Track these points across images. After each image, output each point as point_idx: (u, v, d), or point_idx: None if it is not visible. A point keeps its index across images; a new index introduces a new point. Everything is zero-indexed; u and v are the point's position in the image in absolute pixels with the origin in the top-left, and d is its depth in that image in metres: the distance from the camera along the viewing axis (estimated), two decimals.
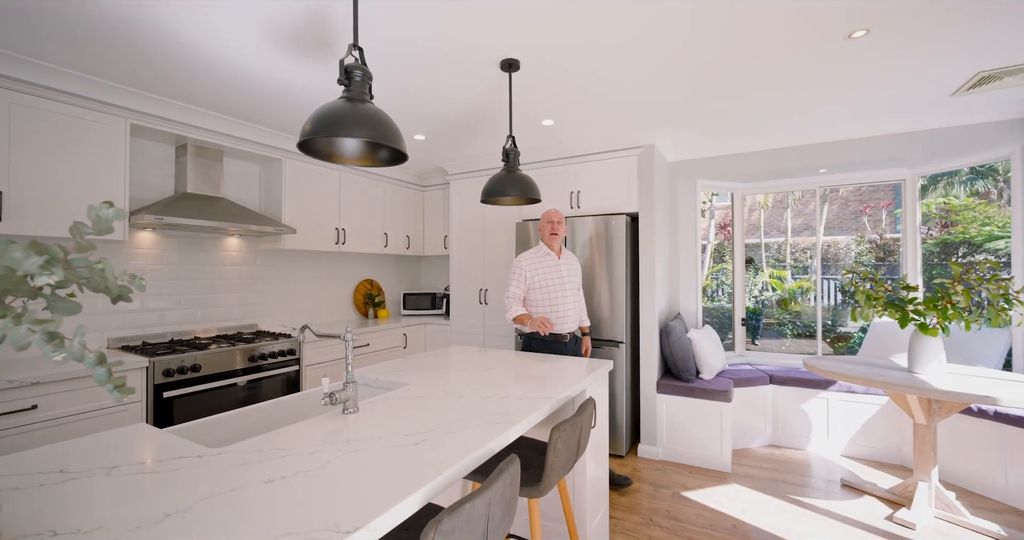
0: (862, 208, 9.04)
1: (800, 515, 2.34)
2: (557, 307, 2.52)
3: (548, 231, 2.61)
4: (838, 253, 9.00)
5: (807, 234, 9.38)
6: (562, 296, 2.54)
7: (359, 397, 1.75)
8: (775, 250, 9.30)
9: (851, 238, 8.90)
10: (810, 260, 9.33)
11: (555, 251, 2.63)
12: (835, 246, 9.02)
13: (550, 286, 2.53)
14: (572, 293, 2.59)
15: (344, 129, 1.12)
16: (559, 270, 2.57)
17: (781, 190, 3.78)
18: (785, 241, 9.13)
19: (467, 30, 1.79)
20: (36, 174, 2.10)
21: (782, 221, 9.58)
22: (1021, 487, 2.37)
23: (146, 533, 0.72)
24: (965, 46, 1.96)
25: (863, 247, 7.96)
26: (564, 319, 2.53)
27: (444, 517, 0.83)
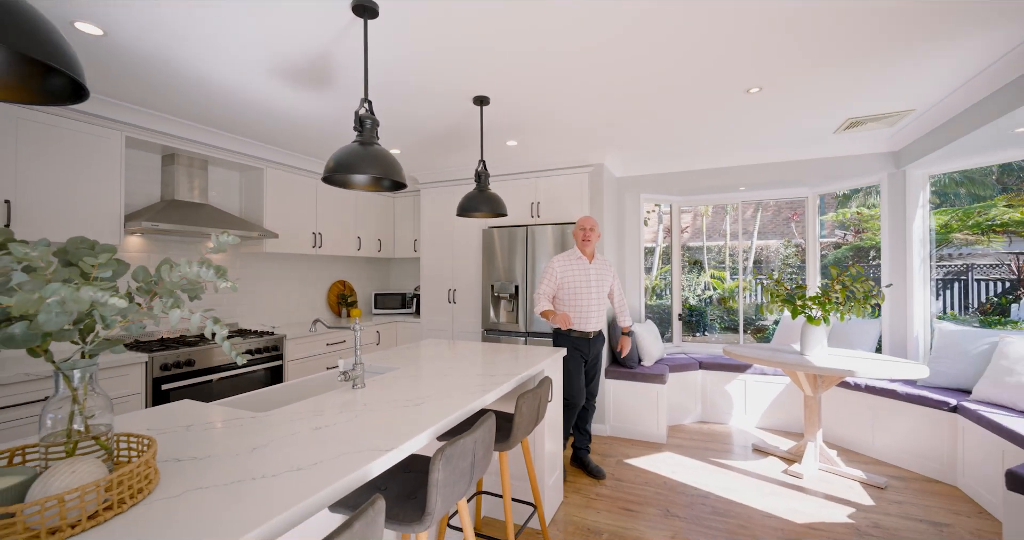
0: (791, 215, 10.08)
1: (719, 473, 2.87)
2: (580, 307, 2.74)
3: (581, 237, 2.78)
4: (769, 255, 10.00)
5: (745, 238, 10.34)
6: (586, 298, 2.74)
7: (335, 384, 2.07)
8: (716, 252, 10.19)
9: (780, 242, 9.92)
10: (746, 262, 10.31)
11: (587, 255, 2.81)
12: (767, 249, 10.02)
13: (576, 288, 2.73)
14: (597, 296, 2.77)
15: (361, 168, 1.47)
16: (587, 274, 2.76)
17: (709, 203, 4.39)
18: (725, 245, 10.03)
19: (448, 72, 2.16)
20: (41, 184, 2.26)
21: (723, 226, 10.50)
22: (884, 444, 3.01)
23: (245, 458, 1.05)
24: (837, 99, 2.54)
25: (790, 250, 8.92)
26: (587, 318, 2.75)
27: (447, 447, 1.21)
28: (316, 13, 1.66)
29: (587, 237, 2.76)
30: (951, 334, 2.97)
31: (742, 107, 2.61)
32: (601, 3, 1.61)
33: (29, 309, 0.72)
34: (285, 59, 2.01)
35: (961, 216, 5.14)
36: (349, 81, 2.24)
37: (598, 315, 2.78)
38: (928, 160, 3.00)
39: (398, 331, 4.42)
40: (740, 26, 1.77)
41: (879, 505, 2.46)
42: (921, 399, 2.80)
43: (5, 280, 0.75)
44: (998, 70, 2.13)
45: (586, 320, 2.74)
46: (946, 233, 5.20)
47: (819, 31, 1.80)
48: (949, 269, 5.16)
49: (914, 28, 1.79)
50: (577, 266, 2.76)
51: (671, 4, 1.62)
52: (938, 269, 5.33)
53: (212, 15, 1.68)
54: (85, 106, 2.38)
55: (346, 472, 0.98)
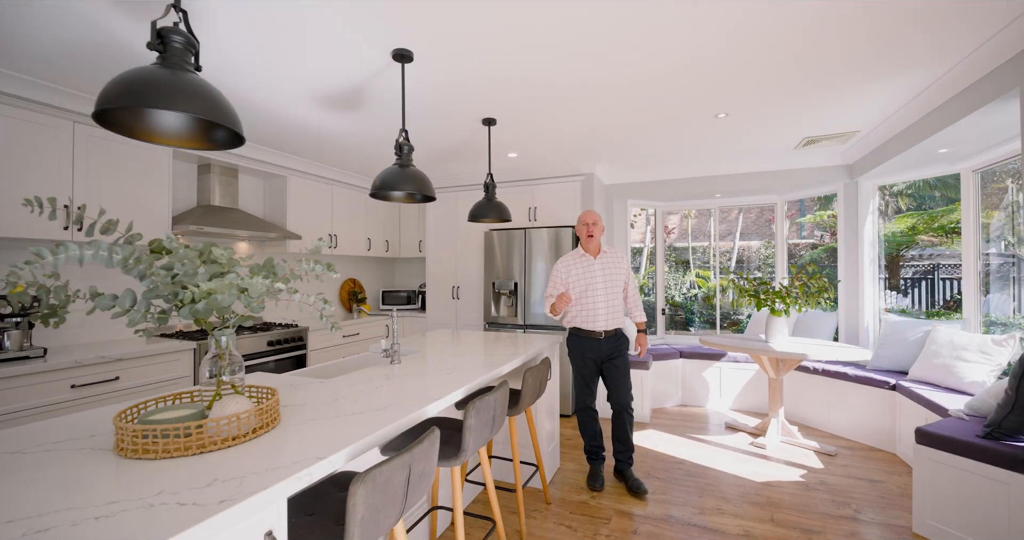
0: (771, 217, 10.63)
1: (694, 445, 3.28)
2: (586, 306, 2.63)
3: (584, 233, 2.66)
4: (751, 255, 10.54)
5: (729, 239, 10.86)
6: (592, 296, 2.61)
7: (376, 361, 2.44)
8: (701, 252, 10.70)
9: (761, 243, 10.45)
10: (729, 262, 10.83)
11: (591, 252, 2.68)
12: (748, 250, 10.55)
13: (582, 287, 2.63)
14: (606, 293, 2.62)
15: (400, 186, 1.84)
16: (591, 271, 2.64)
17: (690, 208, 4.82)
18: (709, 245, 10.54)
19: (462, 98, 2.53)
20: (102, 191, 2.59)
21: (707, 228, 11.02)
22: (837, 420, 3.45)
23: (331, 405, 1.42)
24: (794, 122, 2.96)
25: (770, 251, 9.42)
26: (594, 317, 2.61)
27: (477, 400, 1.59)
28: (360, 56, 2.03)
29: (590, 232, 2.65)
30: (894, 324, 3.43)
31: (713, 129, 3.03)
32: (594, 46, 2.00)
33: (218, 291, 1.08)
34: (326, 90, 2.37)
35: (927, 219, 5.63)
36: (376, 106, 2.60)
37: (608, 313, 2.63)
38: (875, 173, 3.45)
39: (405, 325, 4.77)
40: (708, 67, 2.17)
41: (827, 468, 2.89)
42: (867, 379, 3.25)
43: (193, 272, 1.12)
44: (922, 101, 2.56)
45: (593, 318, 2.62)
46: (913, 235, 5.65)
47: (775, 68, 2.22)
48: (917, 269, 5.62)
49: (854, 66, 2.20)
50: (581, 264, 2.67)
51: (652, 52, 2.01)
52: (907, 269, 5.82)
53: (275, 57, 2.03)
54: None
55: (410, 411, 1.35)
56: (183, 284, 1.09)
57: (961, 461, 2.03)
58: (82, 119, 2.49)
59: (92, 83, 2.30)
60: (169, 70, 1.05)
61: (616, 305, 2.67)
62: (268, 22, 1.75)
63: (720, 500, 2.49)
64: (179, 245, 1.13)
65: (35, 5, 1.64)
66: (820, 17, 1.72)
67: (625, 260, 2.75)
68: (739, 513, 2.36)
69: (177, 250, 1.09)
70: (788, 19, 1.74)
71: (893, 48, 1.99)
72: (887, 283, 7.78)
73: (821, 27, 1.79)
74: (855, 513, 2.36)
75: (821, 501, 2.48)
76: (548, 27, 1.77)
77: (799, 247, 8.51)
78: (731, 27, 1.79)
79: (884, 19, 1.74)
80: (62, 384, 2.22)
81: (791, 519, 2.30)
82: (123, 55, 2.01)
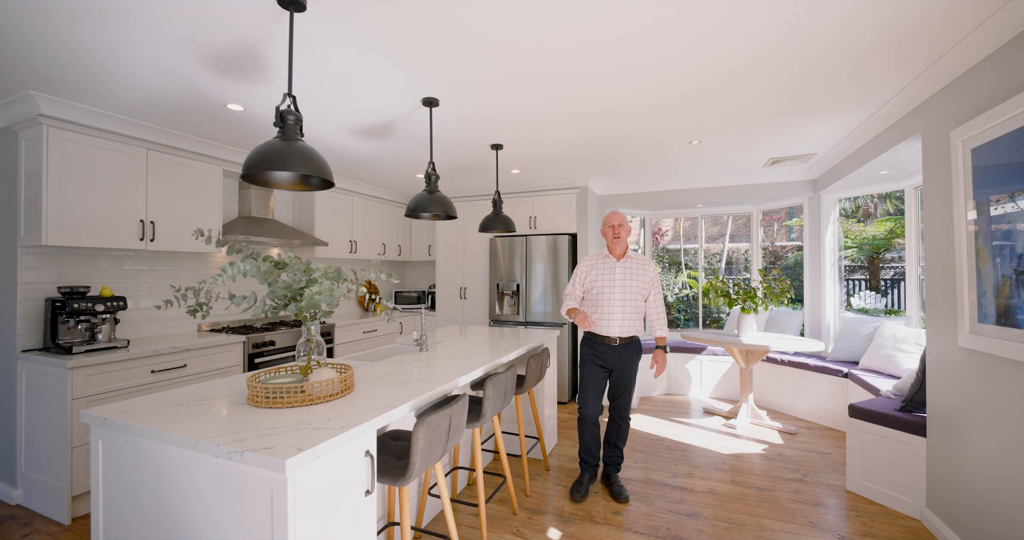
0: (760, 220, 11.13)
1: (674, 426, 3.76)
2: (601, 309, 2.54)
3: (610, 235, 2.58)
4: (739, 258, 11.04)
5: (720, 241, 11.37)
6: (608, 299, 2.52)
7: (406, 350, 2.91)
8: (693, 254, 11.20)
9: (748, 245, 10.93)
10: (719, 263, 11.34)
11: (615, 254, 2.59)
12: (737, 252, 11.06)
13: (598, 289, 2.56)
14: (623, 297, 2.53)
15: (427, 208, 2.30)
16: (612, 273, 2.55)
17: (675, 216, 5.30)
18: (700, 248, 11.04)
19: (476, 129, 2.99)
20: (166, 205, 3.04)
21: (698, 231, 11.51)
22: (801, 404, 3.93)
23: (384, 378, 1.88)
24: (760, 146, 3.44)
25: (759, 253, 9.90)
26: (608, 322, 2.52)
27: (492, 378, 2.06)
28: (395, 102, 2.49)
29: (617, 234, 2.55)
30: (849, 320, 3.92)
31: (688, 152, 3.51)
32: (586, 89, 2.46)
33: (317, 294, 1.55)
34: (363, 125, 2.83)
35: (904, 223, 6.12)
36: (402, 135, 3.06)
37: (623, 319, 2.52)
38: (834, 188, 3.93)
39: (418, 322, 5.23)
40: (681, 106, 2.64)
41: (786, 444, 3.37)
42: (825, 369, 3.73)
43: (300, 280, 1.58)
44: (860, 133, 3.04)
45: (607, 323, 2.52)
46: (890, 238, 6.13)
47: (739, 107, 2.69)
48: (897, 270, 6.07)
49: (802, 107, 2.67)
50: (602, 265, 2.58)
51: (635, 96, 2.48)
52: (887, 269, 6.29)
53: (323, 102, 2.49)
54: (199, 147, 3.17)
55: (447, 381, 1.82)
56: (293, 288, 1.55)
57: (882, 430, 2.51)
58: (154, 146, 2.94)
59: (166, 117, 2.75)
60: (286, 142, 1.51)
61: (634, 312, 2.55)
62: (326, 75, 2.21)
63: (692, 467, 2.97)
64: (294, 260, 1.60)
65: (140, 65, 2.09)
66: (770, 69, 2.19)
67: (651, 268, 2.61)
68: (706, 477, 2.84)
69: (292, 264, 1.55)
70: (745, 71, 2.21)
71: (832, 95, 2.46)
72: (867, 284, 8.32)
73: (773, 77, 2.26)
74: (802, 476, 2.84)
75: (776, 468, 2.96)
76: (547, 74, 2.23)
77: (786, 249, 8.98)
78: (699, 77, 2.26)
79: (822, 73, 2.21)
80: (144, 369, 2.67)
81: (748, 480, 2.78)
82: (197, 97, 2.46)
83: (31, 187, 2.51)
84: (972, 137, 1.89)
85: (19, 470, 2.55)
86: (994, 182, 1.77)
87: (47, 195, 2.46)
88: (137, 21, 1.70)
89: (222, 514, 1.20)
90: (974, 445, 1.93)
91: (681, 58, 2.02)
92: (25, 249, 2.59)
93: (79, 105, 2.52)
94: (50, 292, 2.69)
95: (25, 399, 2.53)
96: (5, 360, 2.60)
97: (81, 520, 2.38)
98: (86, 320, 2.61)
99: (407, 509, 1.60)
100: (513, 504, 2.41)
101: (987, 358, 1.85)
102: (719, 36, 1.83)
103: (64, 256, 2.78)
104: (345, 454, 1.30)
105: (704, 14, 1.68)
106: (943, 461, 2.16)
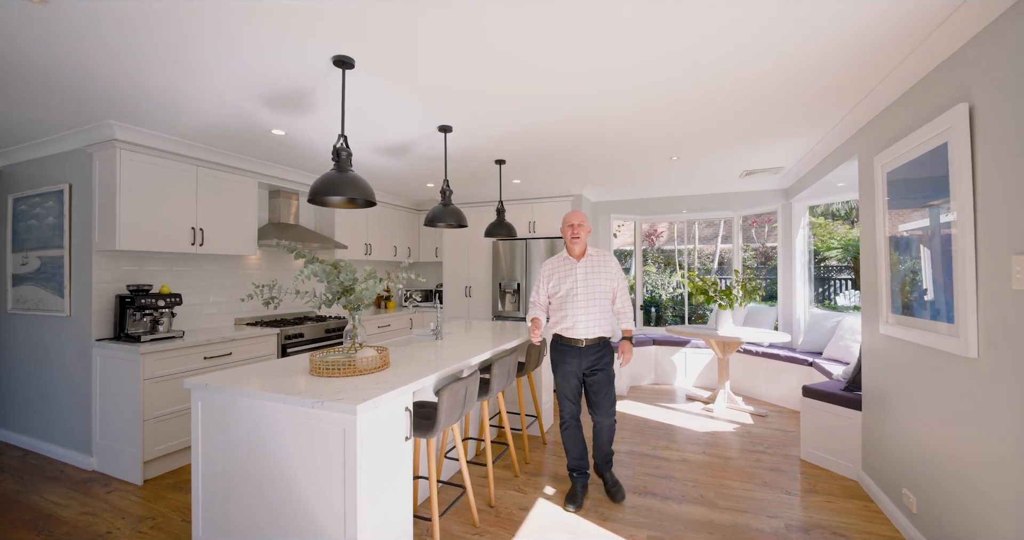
0: (751, 222, 11.57)
1: (659, 410, 4.20)
2: (565, 310, 2.50)
3: (569, 235, 2.53)
4: (731, 258, 11.46)
5: (713, 243, 11.81)
6: (572, 301, 2.48)
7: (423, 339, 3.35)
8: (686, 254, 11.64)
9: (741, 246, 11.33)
10: (712, 263, 11.79)
11: (575, 255, 2.55)
12: (729, 252, 11.49)
13: (563, 292, 2.51)
14: (586, 298, 2.48)
15: (446, 219, 2.75)
16: (573, 275, 2.50)
17: (662, 221, 5.74)
18: (694, 248, 11.48)
19: (484, 148, 3.44)
20: (212, 214, 3.49)
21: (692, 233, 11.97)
22: (773, 391, 4.38)
23: (414, 358, 2.32)
24: (733, 160, 3.87)
25: (749, 253, 10.35)
26: (574, 324, 2.47)
27: (499, 359, 2.50)
28: (414, 128, 2.93)
29: (575, 234, 2.52)
30: (815, 316, 4.37)
31: (669, 166, 3.96)
32: (577, 113, 2.91)
33: (363, 290, 1.99)
34: (386, 145, 3.28)
35: None
36: (417, 152, 3.50)
37: (588, 320, 2.48)
38: (802, 196, 4.37)
39: (426, 318, 5.67)
40: (660, 129, 3.08)
41: (755, 424, 3.82)
42: (793, 359, 4.17)
43: (351, 279, 2.02)
44: (815, 152, 3.48)
45: (573, 326, 2.49)
46: None
47: (710, 129, 3.13)
48: None
49: (763, 130, 3.12)
50: (564, 267, 2.56)
51: (622, 120, 2.92)
52: None
53: (353, 129, 2.93)
54: (239, 163, 3.61)
55: (462, 360, 2.27)
56: (344, 285, 2.00)
57: (828, 406, 2.96)
58: (203, 163, 3.38)
59: (217, 139, 3.19)
60: (340, 173, 1.96)
61: (599, 312, 2.51)
62: (359, 109, 2.65)
63: (670, 441, 3.42)
64: (346, 265, 2.04)
65: (206, 101, 2.53)
66: (733, 108, 2.63)
67: (613, 264, 2.57)
68: (681, 449, 3.28)
69: (347, 265, 2.00)
70: (711, 101, 2.65)
71: (788, 124, 2.90)
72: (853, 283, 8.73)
73: (736, 112, 2.70)
74: (764, 449, 3.28)
75: (743, 442, 3.41)
76: (549, 101, 2.66)
77: (775, 249, 9.42)
78: (675, 108, 2.71)
79: (777, 110, 2.65)
80: (198, 356, 3.11)
81: (717, 452, 3.23)
82: (248, 124, 2.90)
83: (104, 200, 2.95)
84: (887, 162, 2.33)
85: (94, 441, 2.99)
86: (901, 200, 2.22)
87: (120, 207, 2.91)
88: (211, 69, 2.14)
89: (301, 450, 1.65)
90: (895, 416, 2.37)
91: (655, 103, 2.46)
92: (99, 253, 3.03)
93: (146, 131, 2.96)
94: (119, 290, 3.14)
95: (100, 380, 2.97)
96: (82, 348, 3.05)
97: (152, 481, 2.83)
98: (150, 314, 3.05)
99: (433, 457, 2.04)
100: (515, 468, 2.86)
101: (897, 342, 2.30)
102: (686, 87, 2.28)
103: (129, 259, 3.22)
104: (391, 409, 1.75)
105: (680, 75, 2.12)
106: (874, 431, 2.60)
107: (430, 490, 2.08)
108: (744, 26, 1.77)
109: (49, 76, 2.18)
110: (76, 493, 2.68)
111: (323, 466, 1.62)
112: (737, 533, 2.24)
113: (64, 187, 3.13)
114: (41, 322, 3.29)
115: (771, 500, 2.57)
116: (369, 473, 1.62)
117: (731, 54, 1.99)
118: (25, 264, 3.39)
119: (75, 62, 2.04)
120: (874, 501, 2.53)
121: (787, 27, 1.78)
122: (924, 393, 2.07)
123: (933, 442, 1.99)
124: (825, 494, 2.63)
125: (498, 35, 1.82)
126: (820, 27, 1.78)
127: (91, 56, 1.99)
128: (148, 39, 1.85)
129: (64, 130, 2.99)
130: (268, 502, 1.72)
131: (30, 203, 3.37)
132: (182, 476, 2.90)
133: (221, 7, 1.64)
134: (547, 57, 2.01)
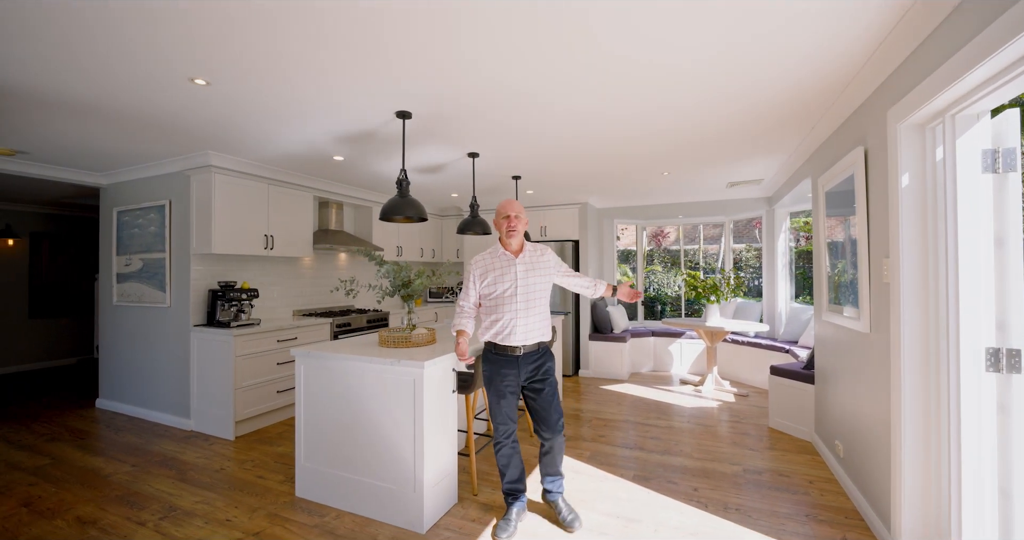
0: (754, 223, 12.03)
1: (655, 392, 4.83)
2: (501, 315, 2.18)
3: (504, 227, 2.22)
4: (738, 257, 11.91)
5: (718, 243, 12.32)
6: (509, 303, 2.17)
7: None
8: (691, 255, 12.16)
9: (743, 246, 11.84)
10: (716, 262, 12.27)
11: (512, 250, 2.25)
12: (735, 252, 11.94)
13: (496, 293, 2.20)
14: (526, 299, 2.17)
15: (471, 228, 3.43)
16: (512, 272, 2.19)
17: (661, 225, 6.35)
18: (698, 248, 12.00)
19: (504, 165, 4.11)
20: (279, 225, 4.22)
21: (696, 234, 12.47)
22: (757, 376, 4.97)
23: (448, 337, 3.00)
24: (718, 173, 4.49)
25: (751, 254, 10.84)
26: (512, 330, 2.16)
27: None
28: (447, 155, 3.61)
29: (512, 226, 2.21)
30: (794, 310, 4.95)
31: (661, 180, 4.59)
32: (582, 137, 3.56)
33: (418, 285, 2.67)
34: (422, 166, 3.97)
35: None
36: (448, 172, 4.18)
37: (527, 324, 2.18)
38: (782, 203, 4.96)
39: (448, 312, 6.37)
40: (651, 151, 3.72)
41: (737, 402, 4.43)
42: (774, 347, 4.77)
43: (408, 276, 2.71)
44: (784, 168, 4.08)
45: (511, 332, 2.17)
46: None
47: (694, 152, 3.76)
48: None
49: (738, 152, 3.74)
50: (500, 264, 2.23)
51: (618, 141, 3.57)
52: None
53: (415, 148, 3.63)
54: (300, 180, 4.34)
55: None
56: (406, 281, 2.68)
57: (790, 382, 3.57)
58: (272, 182, 4.11)
59: (288, 163, 3.91)
60: (402, 198, 2.65)
61: (539, 315, 2.23)
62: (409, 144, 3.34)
63: (660, 414, 4.06)
64: (406, 264, 2.73)
65: (290, 138, 3.24)
66: (711, 138, 3.26)
67: (549, 255, 2.32)
68: (669, 420, 3.92)
69: (406, 266, 2.68)
70: (690, 127, 3.29)
71: (758, 147, 3.52)
72: None
73: (713, 141, 3.33)
74: (739, 420, 3.90)
75: (723, 415, 4.03)
76: (559, 127, 3.32)
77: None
78: (663, 138, 3.35)
79: (745, 139, 3.27)
80: (271, 339, 3.84)
81: (699, 422, 3.86)
82: (316, 153, 3.61)
83: (201, 213, 3.69)
84: (826, 182, 2.94)
85: (192, 406, 3.74)
86: (833, 211, 2.83)
87: (215, 219, 3.64)
88: (295, 118, 2.83)
89: (383, 396, 2.34)
90: (834, 385, 2.98)
91: (649, 135, 3.11)
92: (195, 256, 3.78)
93: (235, 157, 3.70)
94: (211, 285, 3.88)
95: (197, 358, 3.72)
96: (182, 332, 3.79)
97: (241, 437, 3.56)
98: (236, 305, 3.79)
99: (471, 410, 2.71)
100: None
101: (832, 326, 2.91)
102: (670, 124, 2.92)
103: (217, 260, 3.96)
104: (442, 368, 2.43)
105: (666, 130, 2.76)
106: (822, 399, 3.21)
107: (467, 435, 2.75)
108: (704, 81, 2.42)
109: (176, 125, 2.91)
110: (185, 445, 3.42)
111: (398, 407, 2.30)
112: (704, 474, 2.88)
113: (165, 202, 3.89)
114: (143, 312, 4.05)
115: (736, 454, 3.20)
116: (430, 414, 2.29)
117: (703, 101, 2.63)
118: (128, 265, 4.16)
119: (205, 119, 2.76)
120: (820, 455, 3.14)
121: (742, 81, 2.42)
122: (847, 365, 2.69)
123: (852, 402, 2.61)
124: (782, 450, 3.25)
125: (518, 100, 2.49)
126: (771, 79, 2.41)
127: (221, 113, 2.70)
128: (271, 104, 2.56)
129: (167, 157, 3.73)
130: (355, 437, 2.42)
131: (133, 215, 4.13)
132: (266, 433, 3.63)
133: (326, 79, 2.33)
134: (550, 111, 2.67)
